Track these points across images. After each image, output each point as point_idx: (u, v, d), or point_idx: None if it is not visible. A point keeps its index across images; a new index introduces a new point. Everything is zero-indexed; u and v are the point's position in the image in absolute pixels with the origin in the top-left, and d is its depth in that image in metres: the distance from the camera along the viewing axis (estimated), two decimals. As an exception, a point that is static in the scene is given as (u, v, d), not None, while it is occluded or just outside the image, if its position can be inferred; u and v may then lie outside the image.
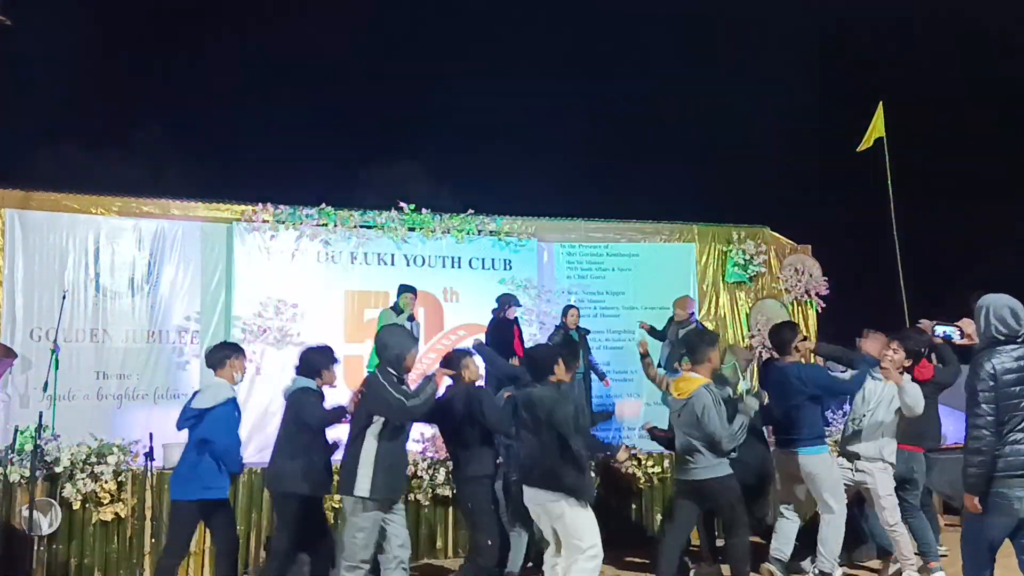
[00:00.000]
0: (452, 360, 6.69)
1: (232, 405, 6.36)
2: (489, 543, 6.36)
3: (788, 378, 6.86)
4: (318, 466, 6.28)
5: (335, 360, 6.53)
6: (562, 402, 5.70)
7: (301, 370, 6.47)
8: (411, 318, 9.60)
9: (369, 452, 5.79)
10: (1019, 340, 4.76)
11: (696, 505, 6.64)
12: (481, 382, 7.02)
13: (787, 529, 6.95)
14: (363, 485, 5.75)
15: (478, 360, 7.02)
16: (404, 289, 9.78)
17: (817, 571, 6.85)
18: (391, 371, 5.97)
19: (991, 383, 4.67)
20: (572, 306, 10.47)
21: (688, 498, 6.58)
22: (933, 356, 7.70)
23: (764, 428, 7.59)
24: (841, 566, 7.01)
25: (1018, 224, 18.67)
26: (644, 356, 7.49)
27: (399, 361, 6.02)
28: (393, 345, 6.07)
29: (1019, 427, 4.66)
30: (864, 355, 6.99)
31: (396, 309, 9.61)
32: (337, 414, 6.24)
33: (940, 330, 5.86)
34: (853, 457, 7.03)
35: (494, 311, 10.08)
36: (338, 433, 6.39)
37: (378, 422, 5.84)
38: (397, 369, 6.00)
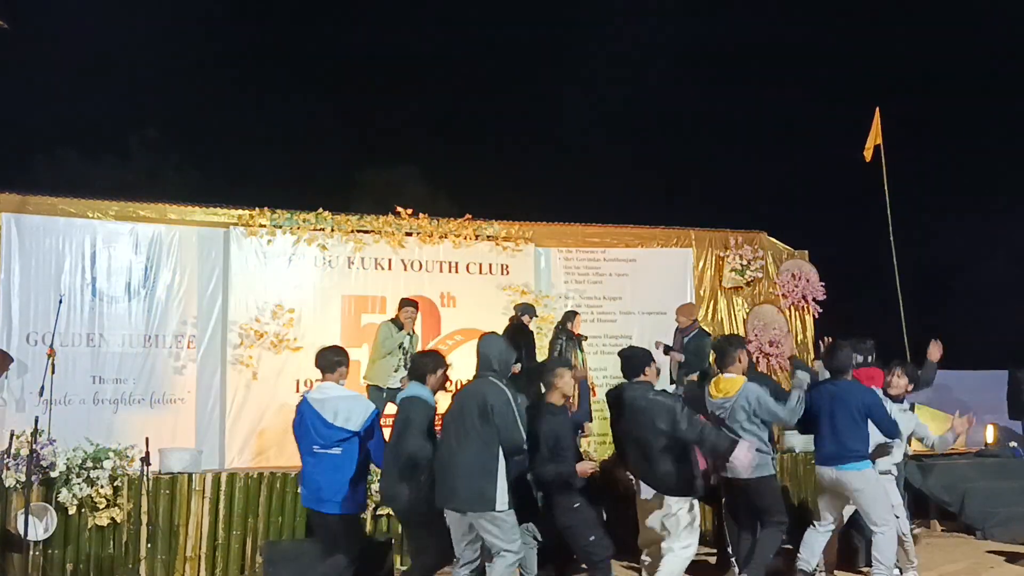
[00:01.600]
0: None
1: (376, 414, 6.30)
2: (592, 538, 6.22)
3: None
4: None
5: (443, 364, 6.32)
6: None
7: (413, 375, 6.24)
8: (410, 333, 9.59)
9: (501, 467, 5.66)
10: None
11: (743, 502, 6.77)
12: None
13: (813, 541, 6.93)
14: (502, 499, 5.65)
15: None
16: (405, 303, 9.69)
17: None
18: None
19: None
20: (575, 312, 10.44)
21: (737, 496, 6.75)
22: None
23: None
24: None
25: (1014, 230, 18.71)
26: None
27: (506, 369, 5.98)
28: (498, 354, 5.96)
29: None
30: (795, 375, 6.99)
31: (397, 324, 9.55)
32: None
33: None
34: None
35: (511, 319, 10.07)
36: None
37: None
38: (504, 376, 5.92)
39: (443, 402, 6.24)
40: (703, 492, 6.55)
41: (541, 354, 10.16)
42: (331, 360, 6.37)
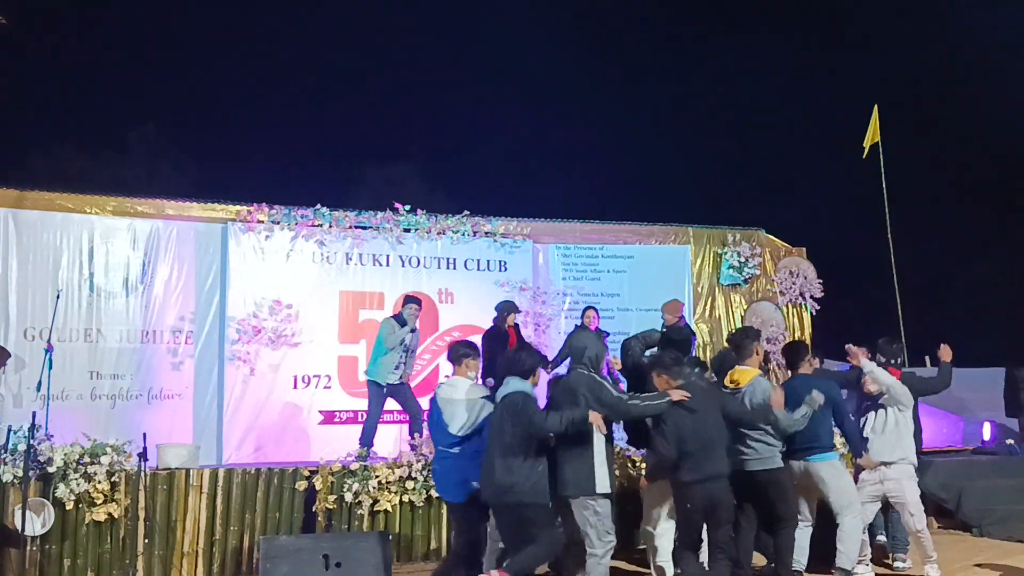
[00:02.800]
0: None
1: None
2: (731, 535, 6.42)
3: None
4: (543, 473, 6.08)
5: (545, 360, 6.65)
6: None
7: (513, 371, 6.29)
8: (413, 329, 9.55)
9: (600, 451, 6.05)
10: None
11: (750, 496, 6.76)
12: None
13: (800, 538, 6.96)
14: (603, 483, 6.03)
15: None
16: (410, 300, 9.59)
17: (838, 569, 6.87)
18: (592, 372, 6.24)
19: None
20: (591, 307, 10.44)
21: (742, 489, 6.69)
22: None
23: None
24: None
25: (1011, 227, 18.73)
26: None
27: (598, 362, 6.36)
28: (590, 347, 6.35)
29: None
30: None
31: (400, 320, 9.45)
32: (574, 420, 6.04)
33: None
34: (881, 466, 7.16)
35: (495, 319, 10.01)
36: None
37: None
38: (595, 369, 6.28)
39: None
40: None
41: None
42: (458, 353, 6.62)
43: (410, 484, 8.16)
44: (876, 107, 12.04)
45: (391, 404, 9.49)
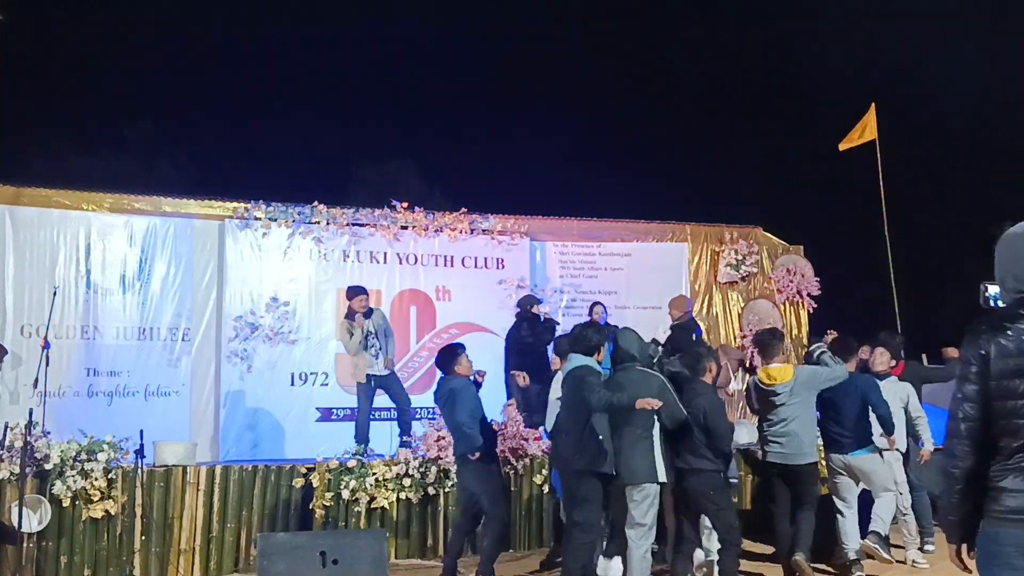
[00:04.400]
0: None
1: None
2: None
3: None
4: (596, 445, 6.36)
5: (610, 338, 6.75)
6: None
7: (578, 347, 6.50)
8: (369, 313, 9.28)
9: (657, 444, 6.25)
10: None
11: (786, 486, 7.02)
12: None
13: (847, 526, 7.18)
14: (662, 473, 6.26)
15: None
16: (355, 292, 9.31)
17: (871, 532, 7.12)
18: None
19: (981, 367, 2.83)
20: (598, 303, 10.48)
21: (778, 479, 7.02)
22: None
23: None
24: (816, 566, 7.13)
25: (1007, 224, 18.75)
26: None
27: (647, 358, 6.56)
28: (637, 346, 6.52)
29: None
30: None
31: (350, 316, 9.18)
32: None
33: (991, 291, 5.48)
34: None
35: (517, 315, 10.14)
36: None
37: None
38: (648, 365, 6.51)
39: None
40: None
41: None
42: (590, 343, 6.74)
43: (407, 481, 8.17)
44: (873, 106, 11.99)
45: (387, 401, 9.49)
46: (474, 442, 6.90)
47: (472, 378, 7.22)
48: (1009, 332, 2.80)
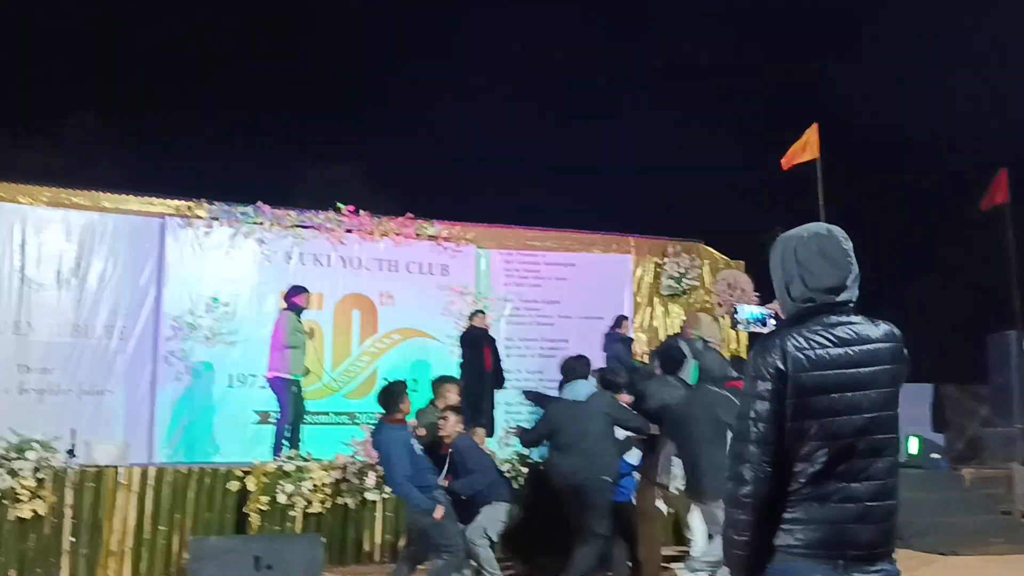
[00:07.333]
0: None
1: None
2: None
3: None
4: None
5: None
6: None
7: (577, 375, 7.03)
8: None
9: None
10: (841, 304, 2.59)
11: None
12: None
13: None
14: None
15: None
16: (302, 290, 9.29)
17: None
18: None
19: (776, 383, 2.48)
20: (624, 316, 10.77)
21: None
22: None
23: None
24: None
25: (941, 246, 19.24)
26: None
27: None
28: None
29: (842, 470, 2.47)
30: None
31: (298, 312, 9.14)
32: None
33: (745, 313, 4.91)
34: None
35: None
36: None
37: None
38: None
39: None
40: None
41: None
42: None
43: (344, 487, 8.11)
44: (815, 125, 12.19)
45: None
46: (418, 504, 6.49)
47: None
48: (805, 343, 2.48)
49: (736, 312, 5.00)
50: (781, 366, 2.46)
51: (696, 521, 7.11)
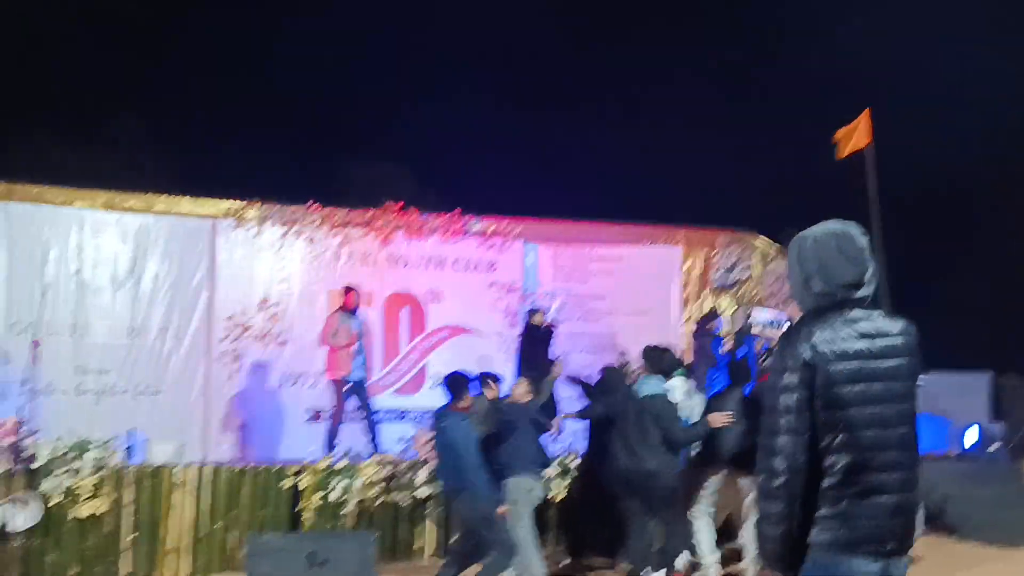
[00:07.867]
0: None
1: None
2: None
3: None
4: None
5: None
6: None
7: (653, 368, 7.09)
8: (353, 313, 9.39)
9: None
10: (860, 300, 2.63)
11: None
12: None
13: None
14: None
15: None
16: (348, 289, 9.51)
17: None
18: None
19: (804, 374, 2.51)
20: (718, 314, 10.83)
21: None
22: None
23: None
24: None
25: (998, 230, 18.83)
26: None
27: None
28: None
29: (874, 462, 2.47)
30: None
31: (345, 311, 9.31)
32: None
33: (760, 317, 4.89)
34: None
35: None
36: None
37: None
38: None
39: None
40: None
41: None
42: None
43: (395, 484, 8.15)
44: (868, 110, 11.90)
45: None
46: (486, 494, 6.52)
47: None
48: (830, 335, 2.52)
49: (750, 316, 5.01)
50: (808, 358, 2.50)
51: (703, 526, 7.17)
